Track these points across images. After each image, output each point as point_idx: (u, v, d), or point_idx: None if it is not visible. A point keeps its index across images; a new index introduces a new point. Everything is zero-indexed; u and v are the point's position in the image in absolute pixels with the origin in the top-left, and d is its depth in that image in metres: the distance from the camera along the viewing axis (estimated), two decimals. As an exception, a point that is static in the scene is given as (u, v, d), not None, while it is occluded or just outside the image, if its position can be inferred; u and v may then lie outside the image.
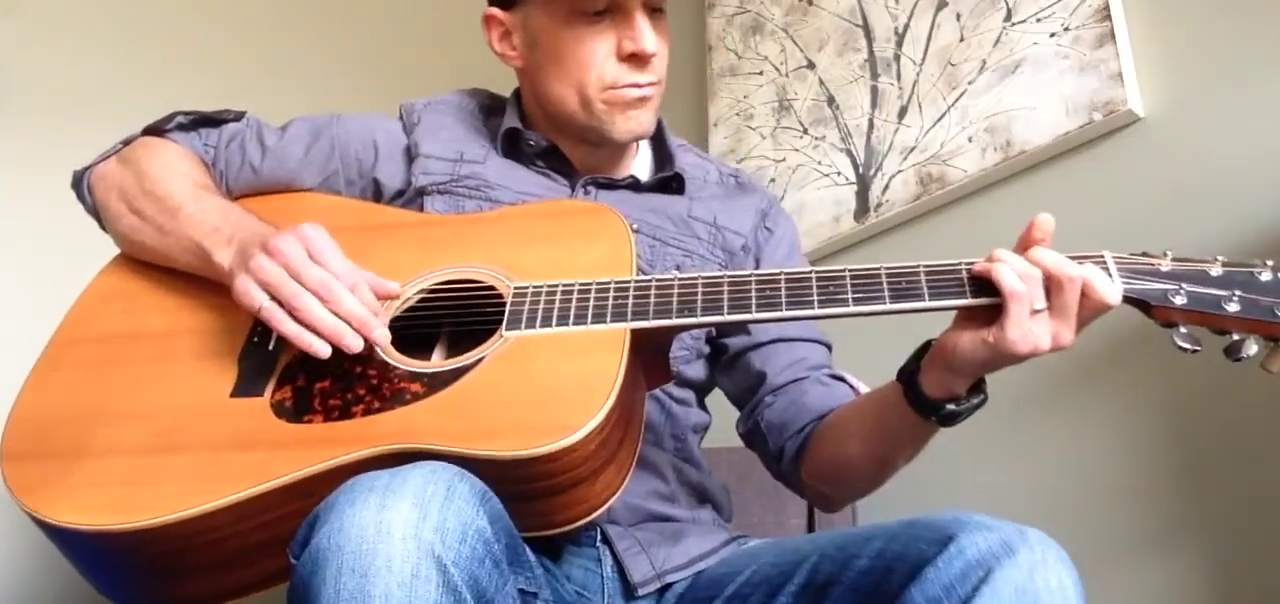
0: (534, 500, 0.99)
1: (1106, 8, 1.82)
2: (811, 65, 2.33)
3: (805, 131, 2.31)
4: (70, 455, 1.07)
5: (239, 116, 1.37)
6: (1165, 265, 1.03)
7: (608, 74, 1.26)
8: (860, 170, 2.19)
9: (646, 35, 1.25)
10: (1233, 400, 1.60)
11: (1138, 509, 1.71)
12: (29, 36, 1.98)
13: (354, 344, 1.05)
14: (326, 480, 0.97)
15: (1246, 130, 1.65)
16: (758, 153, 2.37)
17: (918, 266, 1.05)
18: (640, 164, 1.40)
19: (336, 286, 1.06)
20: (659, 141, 1.40)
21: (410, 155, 1.33)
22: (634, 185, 1.35)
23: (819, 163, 2.27)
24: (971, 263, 1.04)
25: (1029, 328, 0.99)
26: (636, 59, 1.26)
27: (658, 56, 1.27)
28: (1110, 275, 1.01)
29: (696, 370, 1.33)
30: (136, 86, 2.03)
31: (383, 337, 1.07)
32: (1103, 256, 1.03)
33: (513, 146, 1.34)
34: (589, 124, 1.28)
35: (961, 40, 2.06)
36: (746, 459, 1.43)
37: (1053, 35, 1.90)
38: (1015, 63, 1.96)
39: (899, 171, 2.11)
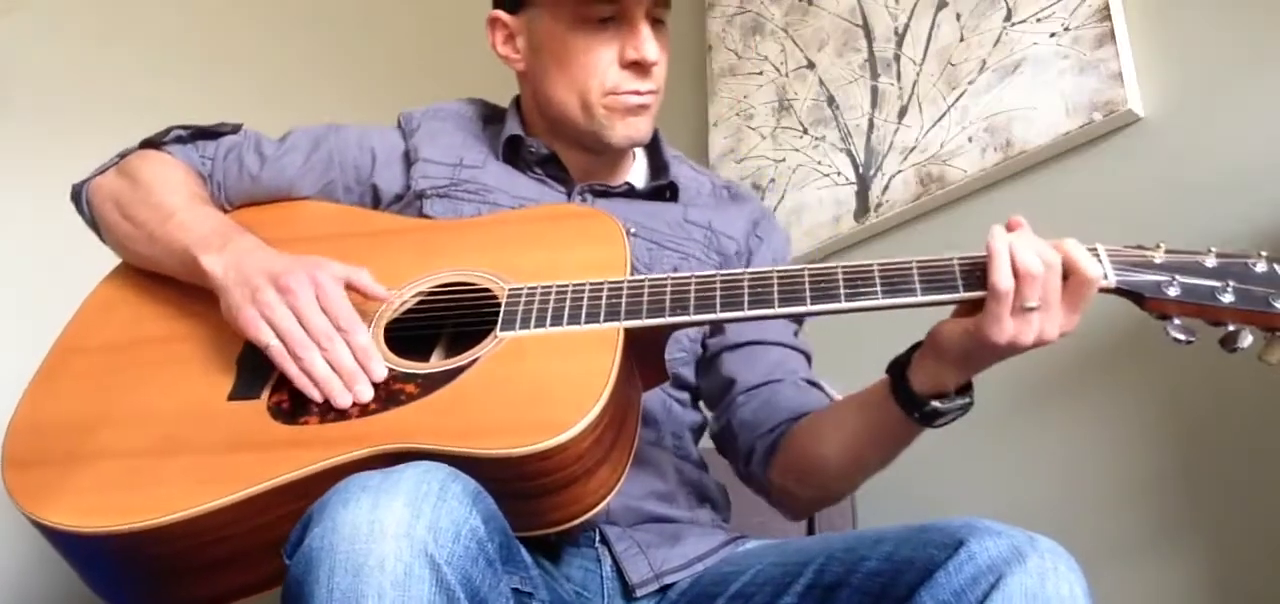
0: (528, 499, 1.00)
1: (1106, 8, 1.82)
2: (811, 65, 2.33)
3: (805, 131, 2.31)
4: (70, 461, 1.07)
5: (236, 129, 1.39)
6: (1158, 257, 1.03)
7: (609, 80, 1.29)
8: (860, 170, 2.19)
9: (649, 44, 1.28)
10: (1232, 399, 1.60)
11: (1137, 509, 1.70)
12: (29, 36, 1.99)
13: (342, 400, 1.06)
14: (322, 481, 0.97)
15: (1246, 130, 1.65)
16: (758, 153, 2.37)
17: (910, 262, 1.05)
18: (636, 173, 1.42)
19: (336, 339, 1.08)
20: (654, 152, 1.43)
21: (409, 160, 1.35)
22: (629, 192, 1.37)
23: (819, 163, 2.27)
24: (965, 257, 1.04)
25: (1008, 323, 1.00)
26: (638, 67, 1.29)
27: (658, 66, 1.30)
28: (1100, 262, 1.01)
29: (692, 372, 1.34)
30: (137, 86, 2.03)
31: (364, 393, 1.07)
32: (1095, 248, 1.03)
33: (513, 153, 1.37)
34: (588, 128, 1.31)
35: (961, 40, 2.06)
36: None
37: (1053, 35, 1.90)
38: (1015, 63, 1.96)
39: (899, 171, 2.11)
